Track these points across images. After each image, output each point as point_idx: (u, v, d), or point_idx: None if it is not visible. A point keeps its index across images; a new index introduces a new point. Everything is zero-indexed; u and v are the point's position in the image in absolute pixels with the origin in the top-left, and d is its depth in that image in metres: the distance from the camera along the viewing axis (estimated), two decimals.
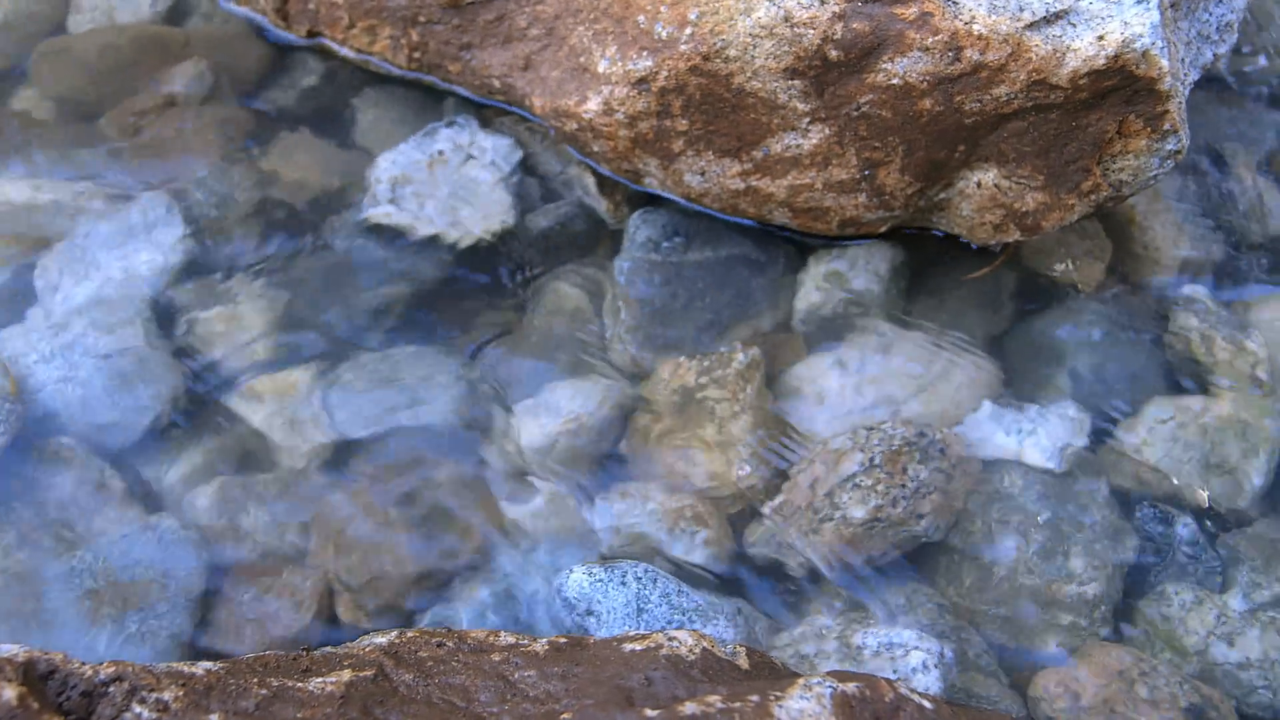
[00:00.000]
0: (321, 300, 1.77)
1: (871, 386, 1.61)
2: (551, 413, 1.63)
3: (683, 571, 1.54)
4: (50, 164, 1.93)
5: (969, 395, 1.61)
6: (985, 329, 1.75)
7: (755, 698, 1.04)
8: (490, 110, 1.93)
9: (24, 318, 1.74)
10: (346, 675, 1.12)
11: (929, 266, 1.74)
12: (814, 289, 1.70)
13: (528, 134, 1.89)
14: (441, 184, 1.80)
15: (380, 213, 1.78)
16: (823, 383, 1.61)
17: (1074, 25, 1.34)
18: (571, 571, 1.47)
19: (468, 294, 1.77)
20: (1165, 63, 1.33)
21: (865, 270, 1.70)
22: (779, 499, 1.57)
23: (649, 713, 1.02)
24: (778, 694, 1.05)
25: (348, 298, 1.77)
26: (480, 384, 1.69)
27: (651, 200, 1.81)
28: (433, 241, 1.80)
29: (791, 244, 1.76)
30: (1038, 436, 1.62)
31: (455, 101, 1.98)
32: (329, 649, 1.26)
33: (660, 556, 1.55)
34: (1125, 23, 1.32)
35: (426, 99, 1.99)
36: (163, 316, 1.76)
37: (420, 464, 1.62)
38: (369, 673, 1.13)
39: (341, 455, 1.64)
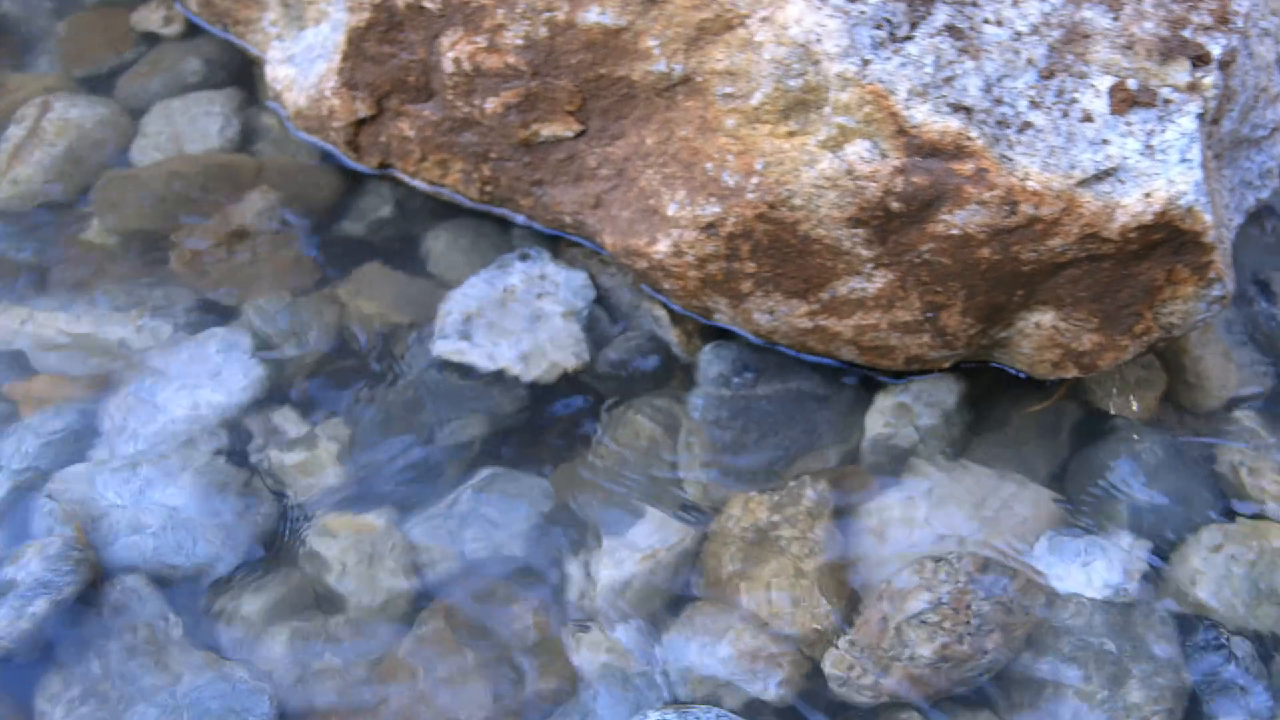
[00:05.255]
0: (395, 436, 1.97)
1: (937, 518, 1.87)
2: (627, 549, 1.82)
3: (757, 715, 1.71)
4: (117, 297, 2.12)
5: (1031, 526, 1.86)
6: (1045, 459, 1.97)
7: None
8: (561, 241, 2.16)
9: (90, 458, 1.85)
10: None
11: (990, 399, 1.98)
12: (880, 422, 1.97)
13: (598, 266, 2.13)
14: (515, 318, 2.06)
15: (453, 348, 2.04)
16: (889, 516, 1.88)
17: (1122, 182, 1.64)
18: (645, 717, 1.62)
19: (543, 429, 1.98)
20: (1208, 217, 1.63)
21: (929, 404, 1.97)
22: (849, 637, 1.75)
23: None
24: None
25: (422, 434, 1.98)
26: (555, 520, 1.89)
27: (721, 334, 2.04)
28: (507, 376, 2.01)
29: (857, 377, 2.00)
30: (1097, 567, 1.83)
31: (525, 231, 2.21)
32: None
33: (734, 699, 1.73)
34: (1170, 180, 1.63)
35: (496, 228, 2.22)
36: (233, 455, 1.94)
37: (494, 602, 1.81)
38: None
39: (416, 595, 1.83)
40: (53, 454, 1.87)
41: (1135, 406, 1.93)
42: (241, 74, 2.48)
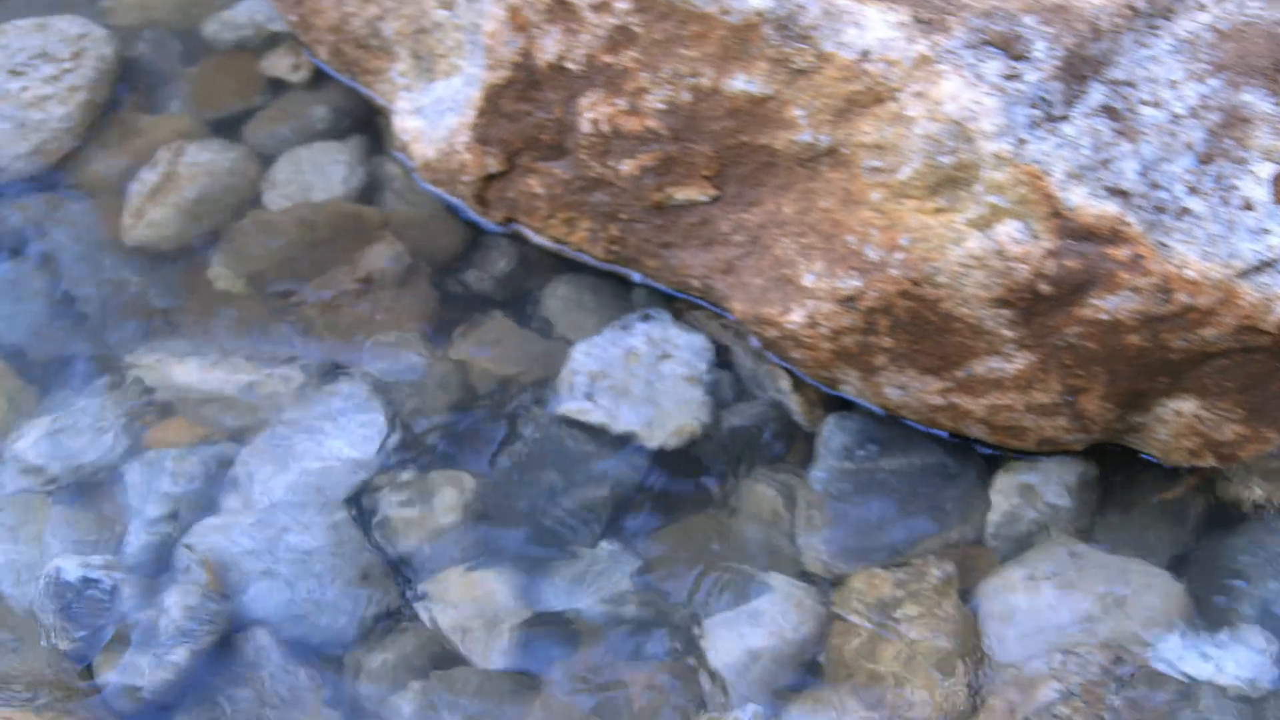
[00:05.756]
0: (518, 495, 1.96)
1: (1064, 605, 1.81)
2: (748, 622, 1.81)
3: None
4: (247, 343, 2.14)
5: (1160, 616, 1.80)
6: (1173, 546, 1.93)
7: None
8: (682, 302, 2.15)
9: (222, 508, 1.89)
10: None
11: (1118, 482, 1.93)
12: (1004, 501, 1.91)
13: (720, 329, 2.10)
14: (637, 380, 2.03)
15: (577, 408, 2.01)
16: (1015, 599, 1.82)
17: None
18: None
19: (665, 493, 1.97)
20: None
21: (1056, 484, 1.91)
22: None
23: None
24: None
25: (544, 493, 1.96)
26: (674, 588, 1.87)
27: (843, 403, 2.02)
28: (628, 439, 2.00)
29: (981, 453, 1.95)
30: (1228, 660, 1.78)
31: (643, 289, 2.19)
32: None
33: None
34: None
35: (616, 286, 2.20)
36: (360, 509, 1.95)
37: (613, 671, 1.80)
38: None
39: (536, 658, 1.82)
40: (188, 501, 1.89)
41: (1271, 499, 1.85)
42: (365, 122, 2.49)
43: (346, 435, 2.04)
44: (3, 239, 2.26)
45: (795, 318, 1.81)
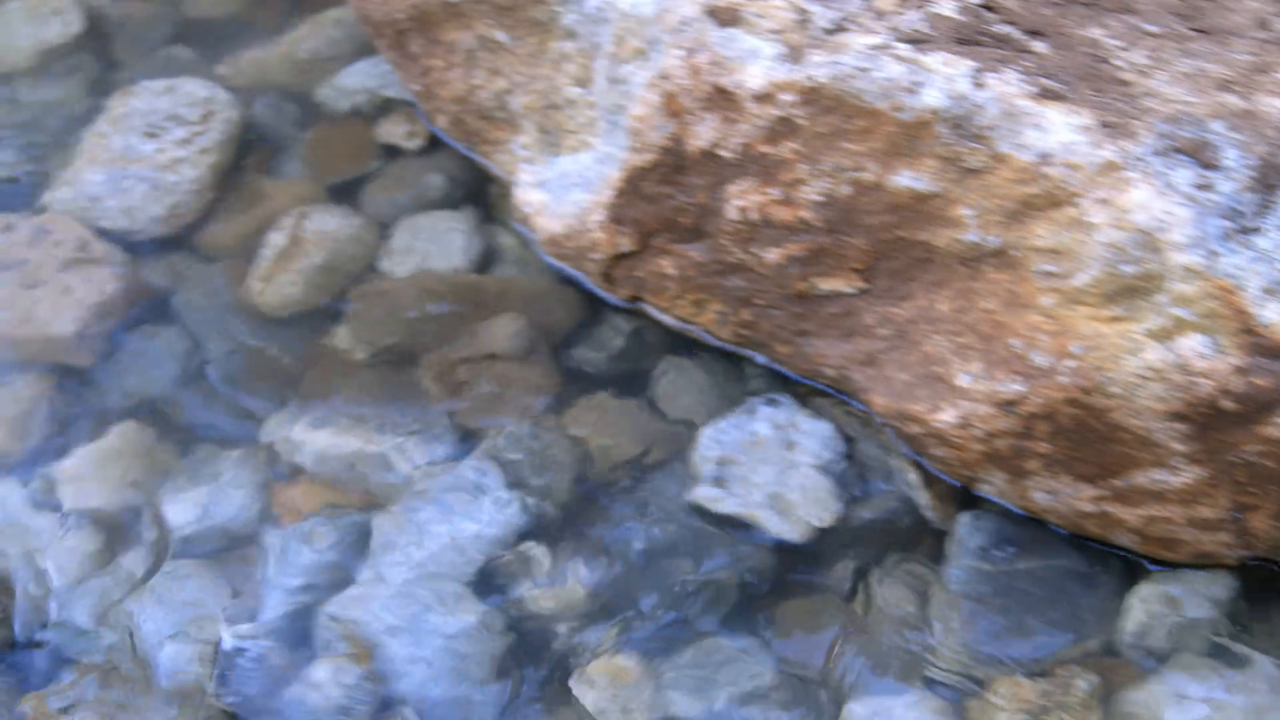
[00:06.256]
0: (648, 579, 1.92)
1: None
2: None
3: None
4: (372, 411, 2.12)
5: None
6: None
7: None
8: (803, 387, 2.10)
9: (358, 578, 1.92)
10: None
11: (1266, 597, 1.85)
12: (1144, 611, 1.82)
13: (845, 416, 2.04)
14: (765, 467, 1.96)
15: (707, 495, 1.94)
16: (1161, 715, 1.72)
17: None
18: None
19: (793, 585, 1.93)
20: None
21: (1201, 596, 1.82)
22: None
23: None
24: None
25: (673, 580, 1.92)
26: (804, 683, 1.82)
27: (974, 499, 1.97)
28: (758, 528, 1.96)
29: (1122, 559, 1.89)
30: None
31: (760, 370, 2.15)
32: None
33: None
34: None
35: (729, 365, 2.16)
36: (494, 590, 1.93)
37: None
38: None
39: None
40: (326, 570, 1.93)
41: None
42: (478, 190, 2.47)
43: (476, 511, 2.01)
44: (140, 300, 2.30)
45: (946, 417, 1.72)
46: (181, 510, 1.88)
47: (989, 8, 1.71)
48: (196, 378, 2.20)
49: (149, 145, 2.41)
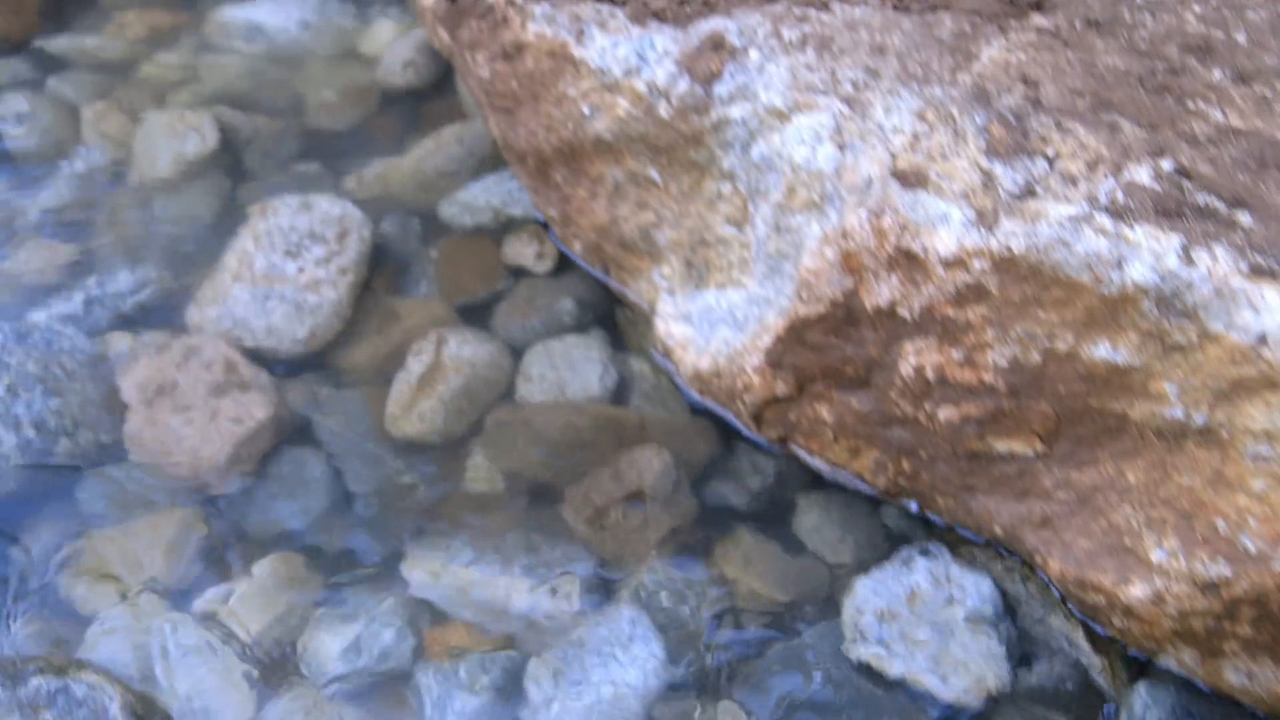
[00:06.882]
0: None
1: None
2: None
3: None
4: (514, 550, 2.06)
5: None
6: None
7: None
8: (953, 534, 2.02)
9: None
10: None
11: None
12: None
13: (1004, 571, 1.94)
14: (925, 624, 1.86)
15: (872, 653, 1.86)
16: None
17: None
18: None
19: None
20: None
21: None
22: None
23: None
24: None
25: None
26: None
27: (1144, 666, 1.88)
28: (924, 691, 1.89)
29: None
30: None
31: (902, 513, 2.08)
32: None
33: None
34: None
35: (868, 506, 2.10)
36: None
37: None
38: None
39: None
40: (485, 715, 1.88)
41: None
42: (607, 313, 2.43)
43: (629, 660, 1.94)
44: (285, 423, 2.24)
45: (1136, 592, 1.62)
46: (331, 647, 1.85)
47: (1184, 174, 1.61)
48: (340, 507, 2.14)
49: (291, 265, 2.39)
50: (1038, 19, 1.92)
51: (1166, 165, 1.63)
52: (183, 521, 2.03)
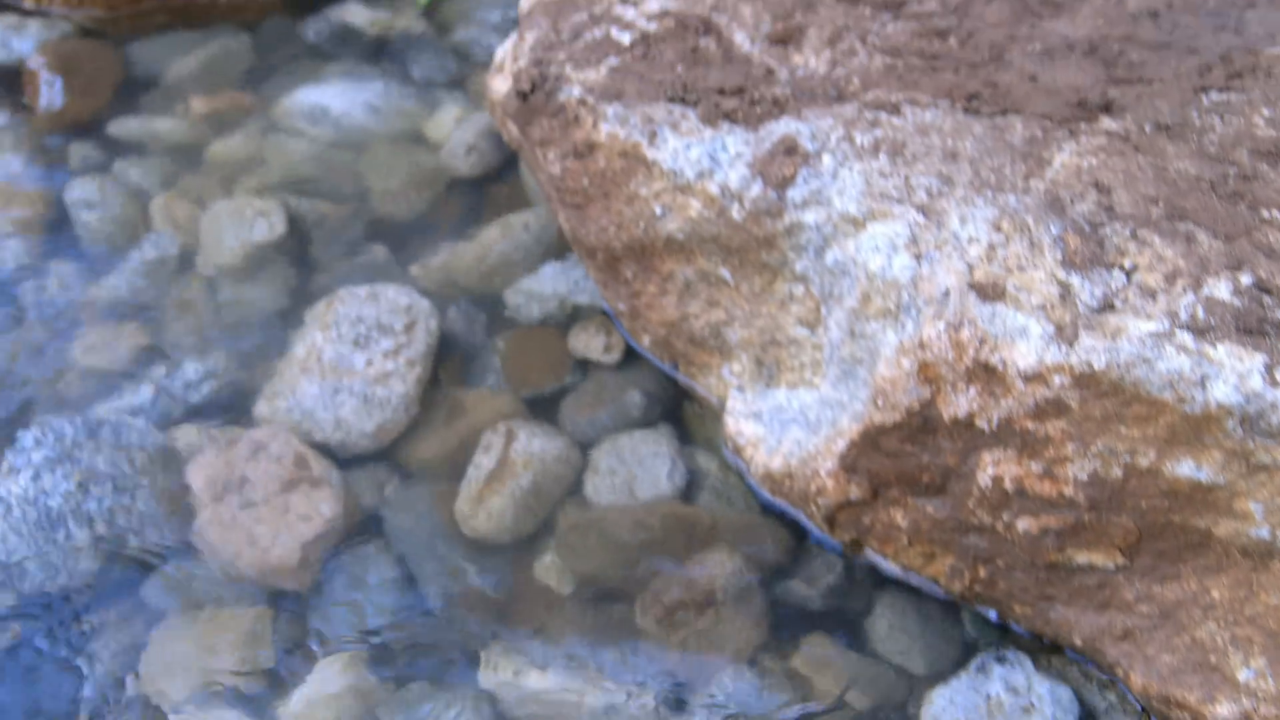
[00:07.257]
0: None
1: None
2: None
3: None
4: (586, 653, 2.04)
5: None
6: None
7: None
8: (1028, 641, 2.00)
9: None
10: None
11: None
12: None
13: (1081, 678, 1.93)
14: None
15: None
16: None
17: None
18: None
19: None
20: None
21: None
22: None
23: None
24: None
25: None
26: None
27: None
28: None
29: None
30: None
31: (973, 616, 2.06)
32: None
33: None
34: None
35: (940, 609, 2.08)
36: None
37: None
38: None
39: None
40: None
41: None
42: (674, 407, 2.42)
43: None
44: (354, 520, 2.25)
45: (1222, 712, 1.61)
46: None
47: (1264, 289, 1.61)
48: (410, 606, 2.14)
49: (359, 357, 2.40)
50: (1107, 122, 1.93)
51: (1245, 279, 1.63)
52: (251, 620, 2.03)
